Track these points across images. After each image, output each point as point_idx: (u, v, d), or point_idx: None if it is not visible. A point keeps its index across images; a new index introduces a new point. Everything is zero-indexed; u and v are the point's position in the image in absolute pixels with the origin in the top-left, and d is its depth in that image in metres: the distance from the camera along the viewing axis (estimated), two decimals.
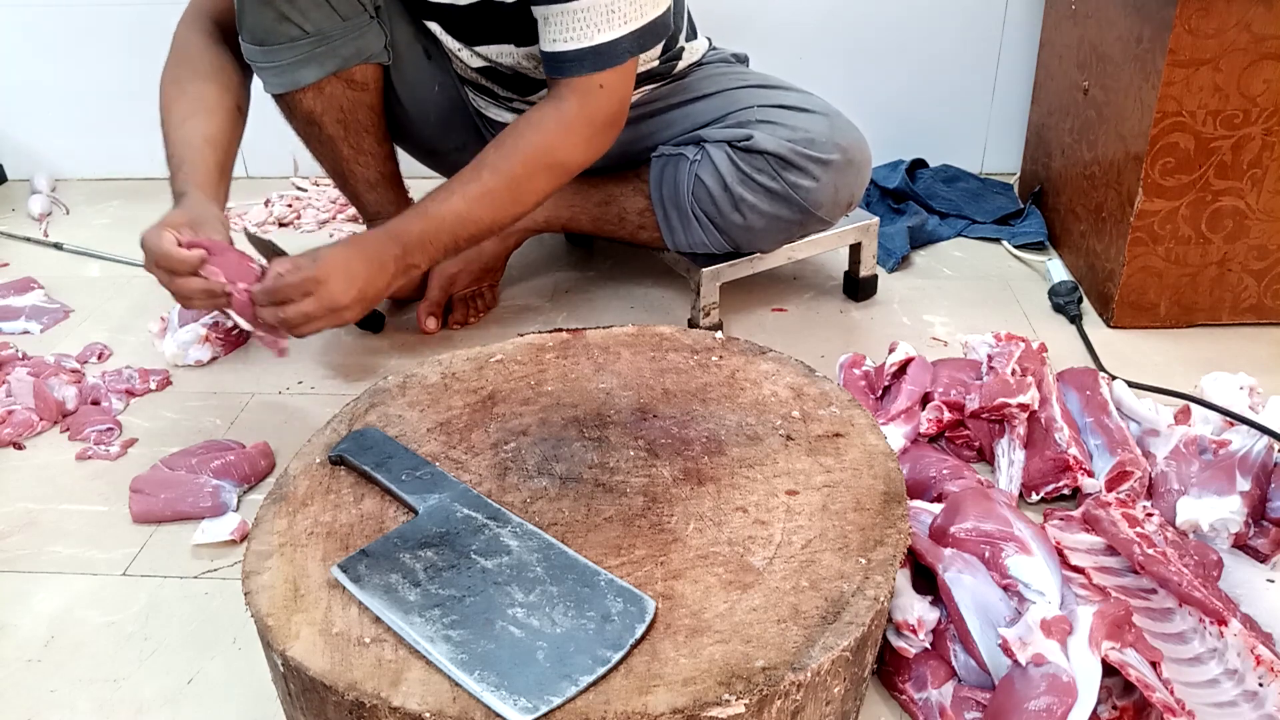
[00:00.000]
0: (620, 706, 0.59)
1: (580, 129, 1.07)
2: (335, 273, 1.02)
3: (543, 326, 1.32)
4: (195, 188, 1.04)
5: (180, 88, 1.11)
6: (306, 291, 1.00)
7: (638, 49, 1.05)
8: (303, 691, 0.64)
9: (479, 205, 1.07)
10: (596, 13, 1.01)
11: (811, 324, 1.32)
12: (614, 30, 1.02)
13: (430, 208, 1.07)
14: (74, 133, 1.86)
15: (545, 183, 1.09)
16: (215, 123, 1.10)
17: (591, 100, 1.06)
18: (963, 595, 0.77)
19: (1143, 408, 1.02)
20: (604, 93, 1.06)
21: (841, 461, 0.78)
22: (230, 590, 0.92)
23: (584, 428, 0.84)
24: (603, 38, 1.02)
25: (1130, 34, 1.20)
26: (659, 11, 1.06)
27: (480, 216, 1.08)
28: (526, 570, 0.68)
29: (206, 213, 1.02)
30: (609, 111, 1.08)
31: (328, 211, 1.70)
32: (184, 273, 0.98)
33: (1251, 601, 0.82)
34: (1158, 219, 1.20)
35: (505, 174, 1.07)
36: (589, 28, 1.02)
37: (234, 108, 1.13)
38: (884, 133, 1.62)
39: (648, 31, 1.05)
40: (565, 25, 1.02)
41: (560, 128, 1.07)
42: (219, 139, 1.09)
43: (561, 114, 1.06)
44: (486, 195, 1.07)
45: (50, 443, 1.15)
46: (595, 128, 1.08)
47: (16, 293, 1.45)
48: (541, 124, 1.07)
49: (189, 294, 0.99)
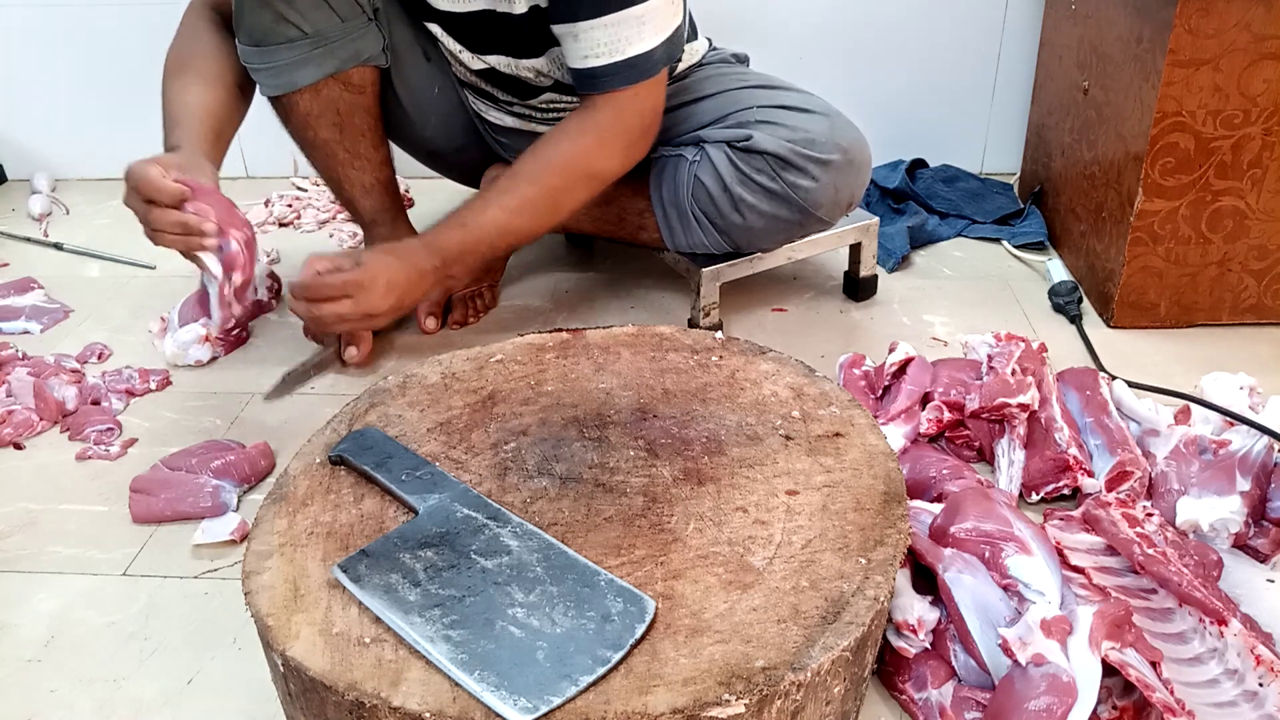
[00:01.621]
0: (620, 706, 0.59)
1: (616, 140, 1.08)
2: (377, 280, 1.03)
3: (543, 326, 1.32)
4: (188, 145, 1.03)
5: (182, 65, 1.11)
6: (346, 294, 1.01)
7: (668, 58, 1.06)
8: (303, 691, 0.64)
9: (517, 216, 1.08)
10: (627, 25, 1.00)
11: (811, 324, 1.32)
12: (646, 42, 1.02)
13: (468, 219, 1.08)
14: (74, 133, 1.86)
15: (582, 193, 1.10)
16: (213, 95, 1.09)
17: (626, 111, 1.06)
18: (963, 595, 0.77)
19: (1143, 408, 1.02)
20: (638, 103, 1.06)
21: (841, 461, 0.78)
22: (230, 590, 0.92)
23: (584, 428, 0.84)
24: (635, 50, 1.02)
25: (1130, 34, 1.20)
26: (680, 18, 1.06)
27: (518, 227, 1.09)
28: (526, 570, 0.68)
29: (199, 162, 1.00)
30: (644, 121, 1.08)
31: (327, 211, 1.70)
32: (163, 203, 0.94)
33: (1251, 601, 0.82)
34: (1158, 219, 1.20)
35: (543, 185, 1.08)
36: (620, 41, 1.01)
37: (234, 85, 1.13)
38: (884, 133, 1.62)
39: (675, 39, 1.06)
40: (595, 41, 1.01)
41: (596, 139, 1.07)
42: (216, 109, 1.09)
43: (597, 125, 1.07)
44: (525, 206, 1.08)
45: (50, 443, 1.15)
46: (631, 138, 1.09)
47: (16, 293, 1.45)
48: (578, 135, 1.07)
49: (163, 227, 0.95)
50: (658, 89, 1.08)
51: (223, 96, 1.11)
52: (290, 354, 1.28)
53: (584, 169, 1.08)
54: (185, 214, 0.95)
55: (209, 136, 1.06)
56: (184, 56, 1.12)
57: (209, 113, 1.08)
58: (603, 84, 1.04)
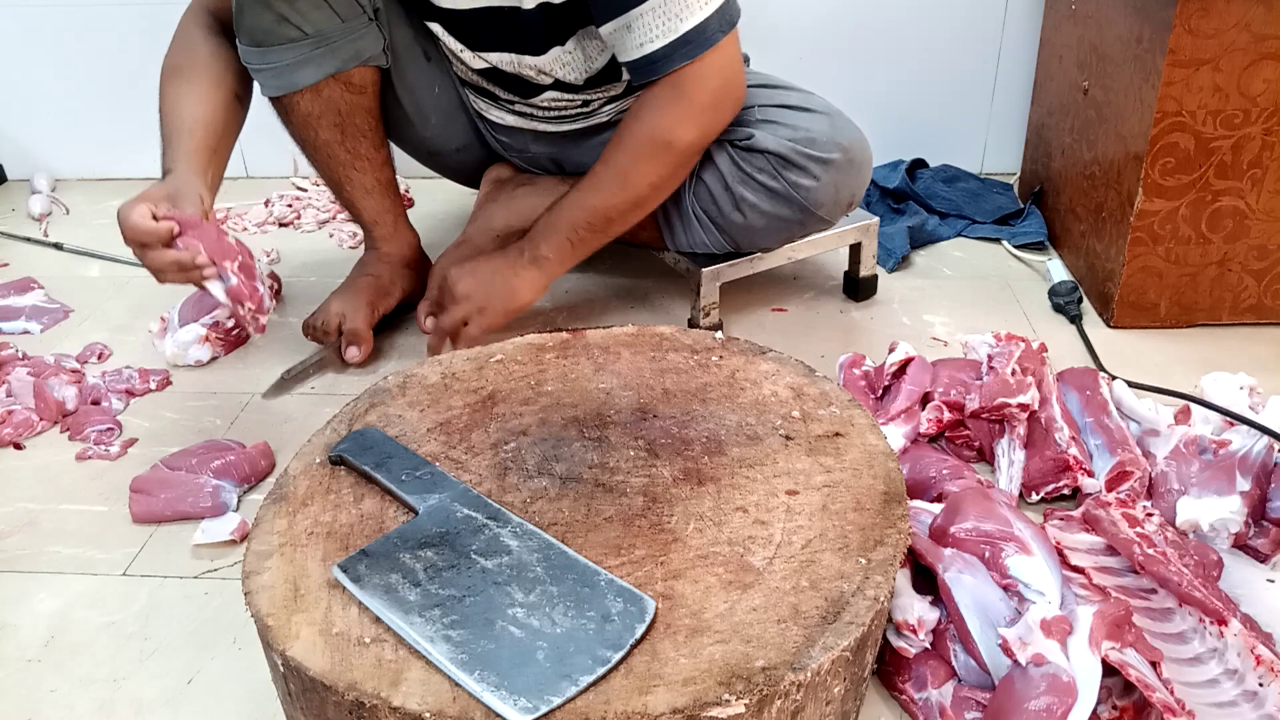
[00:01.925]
0: (620, 706, 0.59)
1: (679, 110, 1.06)
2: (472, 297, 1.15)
3: (543, 326, 1.32)
4: (182, 164, 1.03)
5: (178, 73, 1.11)
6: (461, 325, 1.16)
7: (727, 26, 1.03)
8: (303, 691, 0.64)
9: (590, 193, 1.12)
10: (677, 1, 0.99)
11: (811, 324, 1.32)
12: (696, 14, 1.01)
13: (554, 202, 1.16)
14: (74, 133, 1.86)
15: (655, 165, 1.10)
16: (210, 106, 1.09)
17: (688, 84, 1.05)
18: (963, 595, 0.77)
19: (1143, 408, 1.02)
20: (700, 75, 1.04)
21: (841, 461, 0.78)
22: (230, 590, 0.92)
23: (584, 428, 0.84)
24: (688, 25, 1.01)
25: (1130, 34, 1.20)
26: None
27: (593, 204, 1.12)
28: (526, 570, 0.68)
29: (186, 187, 1.00)
30: (712, 90, 1.07)
31: (327, 211, 1.70)
32: (155, 245, 0.96)
33: (1251, 601, 0.82)
34: (1158, 219, 1.20)
35: (611, 161, 1.10)
36: (673, 19, 1.00)
37: (231, 94, 1.13)
38: (884, 133, 1.62)
39: (729, 7, 1.03)
40: (649, 25, 1.01)
41: (656, 113, 1.07)
42: (211, 120, 1.09)
43: (657, 100, 1.06)
44: (597, 183, 1.12)
45: (50, 443, 1.15)
46: (701, 107, 1.07)
47: (16, 293, 1.45)
48: (641, 112, 1.08)
49: (161, 268, 0.97)
50: (722, 57, 1.05)
51: (219, 105, 1.10)
52: (290, 354, 1.28)
53: (649, 140, 1.08)
54: (178, 252, 0.96)
55: (203, 152, 1.06)
56: (180, 65, 1.12)
57: (204, 125, 1.07)
58: (661, 66, 1.03)
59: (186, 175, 1.02)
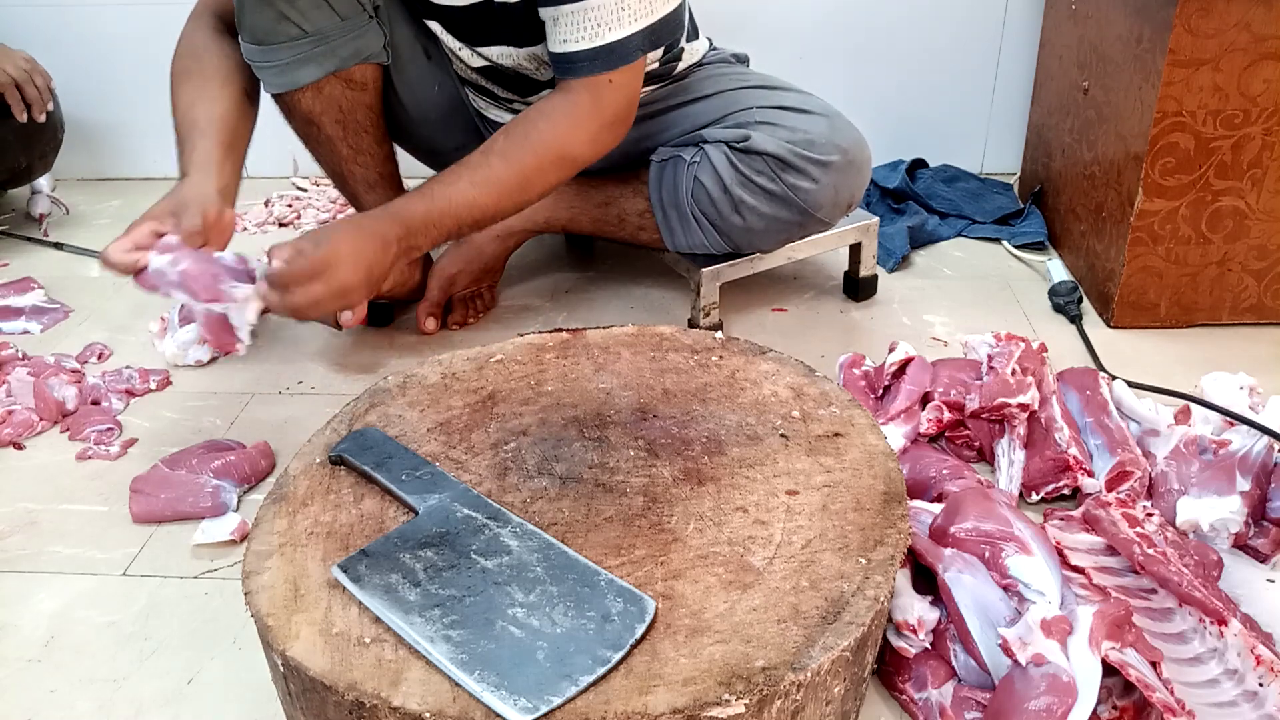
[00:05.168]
0: (620, 706, 0.59)
1: (590, 124, 1.07)
2: (343, 255, 1.00)
3: (543, 326, 1.32)
4: (196, 168, 1.04)
5: (188, 75, 1.12)
6: (314, 275, 0.98)
7: (649, 46, 1.05)
8: (303, 691, 0.64)
9: (486, 193, 1.06)
10: (606, 11, 1.01)
11: (811, 324, 1.32)
12: (624, 28, 1.02)
13: (436, 190, 1.06)
14: (74, 133, 1.85)
15: (554, 176, 1.09)
16: (221, 105, 1.10)
17: (602, 97, 1.06)
18: (963, 595, 0.77)
19: (1143, 408, 1.02)
20: (614, 89, 1.06)
21: (841, 461, 0.78)
22: (230, 590, 0.92)
23: (584, 428, 0.84)
24: (613, 36, 1.02)
25: (1130, 34, 1.20)
26: (670, 8, 1.06)
27: (485, 204, 1.07)
28: (526, 570, 0.68)
29: (194, 196, 1.01)
30: (619, 108, 1.08)
31: (328, 211, 1.70)
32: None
33: (1251, 601, 0.82)
34: (1158, 219, 1.20)
35: (515, 164, 1.06)
36: (599, 26, 1.02)
37: (241, 92, 1.13)
38: (884, 133, 1.62)
39: (660, 28, 1.05)
40: (575, 25, 1.02)
41: (571, 122, 1.07)
42: (224, 118, 1.09)
43: (573, 108, 1.06)
44: (495, 183, 1.06)
45: (50, 443, 1.15)
46: (605, 123, 1.08)
47: (16, 293, 1.45)
48: (552, 116, 1.07)
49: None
50: (634, 76, 1.07)
51: (231, 104, 1.11)
52: (290, 353, 1.28)
53: (557, 152, 1.07)
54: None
55: (216, 152, 1.06)
56: (189, 67, 1.12)
57: (218, 124, 1.08)
58: (579, 69, 1.04)
59: (198, 180, 1.03)
